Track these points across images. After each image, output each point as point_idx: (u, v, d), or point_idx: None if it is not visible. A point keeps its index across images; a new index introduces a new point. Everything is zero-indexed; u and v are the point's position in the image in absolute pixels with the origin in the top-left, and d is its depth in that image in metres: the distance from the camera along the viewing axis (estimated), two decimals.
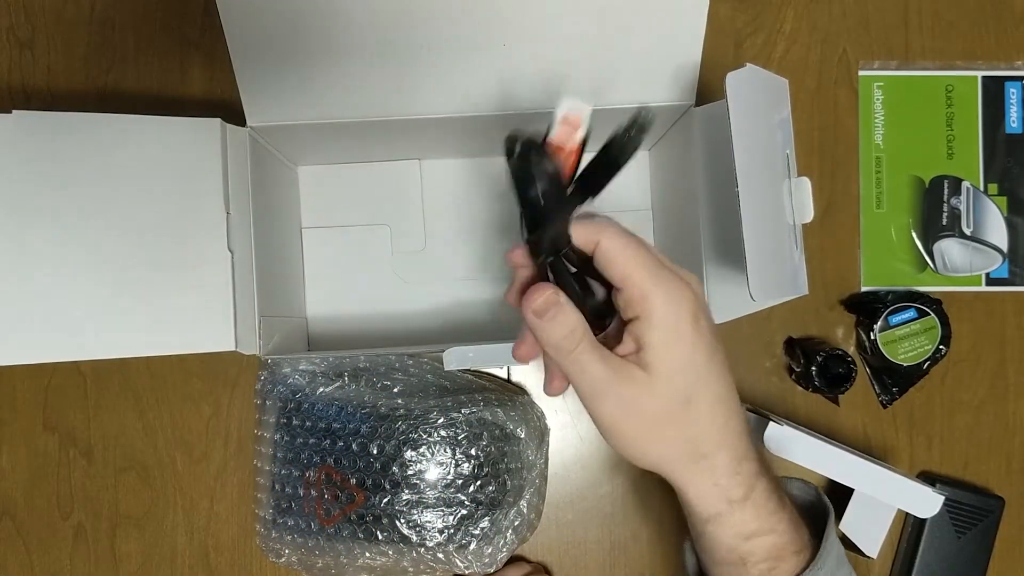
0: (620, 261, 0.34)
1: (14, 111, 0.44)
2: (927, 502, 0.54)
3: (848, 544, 0.57)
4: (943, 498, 0.54)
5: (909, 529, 0.61)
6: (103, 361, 0.60)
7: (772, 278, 0.43)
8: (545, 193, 0.31)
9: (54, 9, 0.62)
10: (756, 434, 0.56)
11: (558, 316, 0.34)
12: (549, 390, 0.38)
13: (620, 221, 0.61)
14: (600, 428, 0.35)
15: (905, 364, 0.60)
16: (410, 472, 0.51)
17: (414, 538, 0.53)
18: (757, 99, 0.44)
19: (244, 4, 0.45)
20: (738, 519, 0.35)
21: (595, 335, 0.34)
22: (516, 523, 0.55)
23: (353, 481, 0.52)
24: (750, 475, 0.35)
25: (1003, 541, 0.61)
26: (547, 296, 0.34)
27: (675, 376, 0.33)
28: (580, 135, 0.31)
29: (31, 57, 0.62)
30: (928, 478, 0.62)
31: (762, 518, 0.36)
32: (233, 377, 0.61)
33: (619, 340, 0.35)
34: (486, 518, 0.55)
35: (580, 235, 0.34)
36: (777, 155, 0.46)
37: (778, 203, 0.45)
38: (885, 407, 0.63)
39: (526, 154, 0.30)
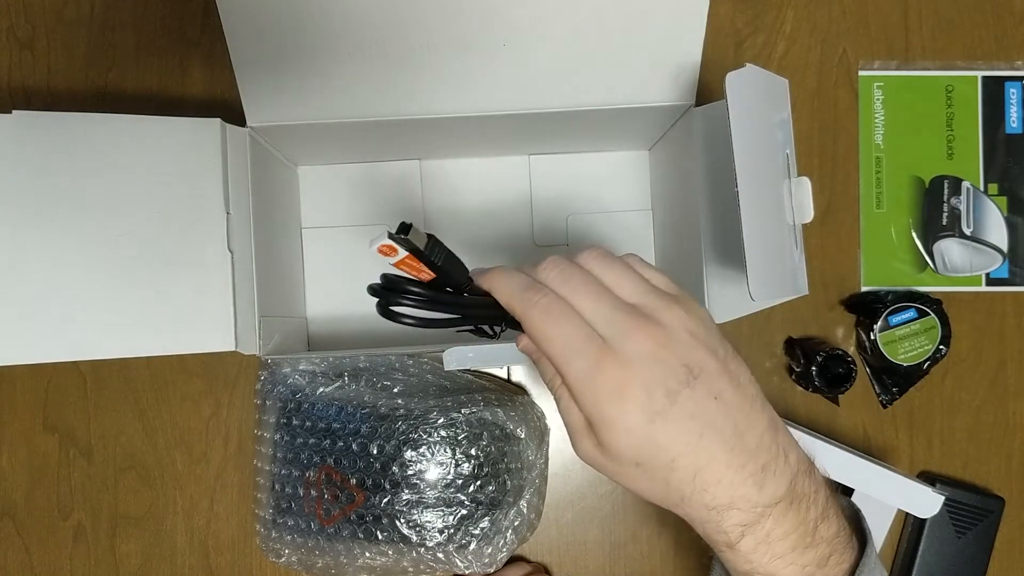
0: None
1: (14, 111, 0.44)
2: (927, 502, 0.54)
3: None
4: (943, 498, 0.54)
5: (909, 529, 0.61)
6: (103, 361, 0.60)
7: (772, 278, 0.43)
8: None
9: (54, 9, 0.62)
10: None
11: (540, 360, 0.35)
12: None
13: (621, 221, 0.62)
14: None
15: (905, 364, 0.60)
16: (410, 472, 0.51)
17: (414, 538, 0.53)
18: (757, 99, 0.44)
19: (244, 4, 0.45)
20: (731, 557, 0.35)
21: None
22: (516, 523, 0.55)
23: (353, 481, 0.52)
24: (735, 525, 0.34)
25: (1003, 541, 0.61)
26: (524, 343, 0.36)
27: (614, 444, 0.33)
28: (402, 252, 0.34)
29: (31, 57, 0.62)
30: (928, 478, 0.62)
31: (754, 561, 0.34)
32: (233, 377, 0.61)
33: None
34: (486, 518, 0.55)
35: (510, 307, 0.36)
36: (777, 155, 0.45)
37: (778, 203, 0.45)
38: (885, 407, 0.63)
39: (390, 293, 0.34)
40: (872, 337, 0.60)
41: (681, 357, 0.33)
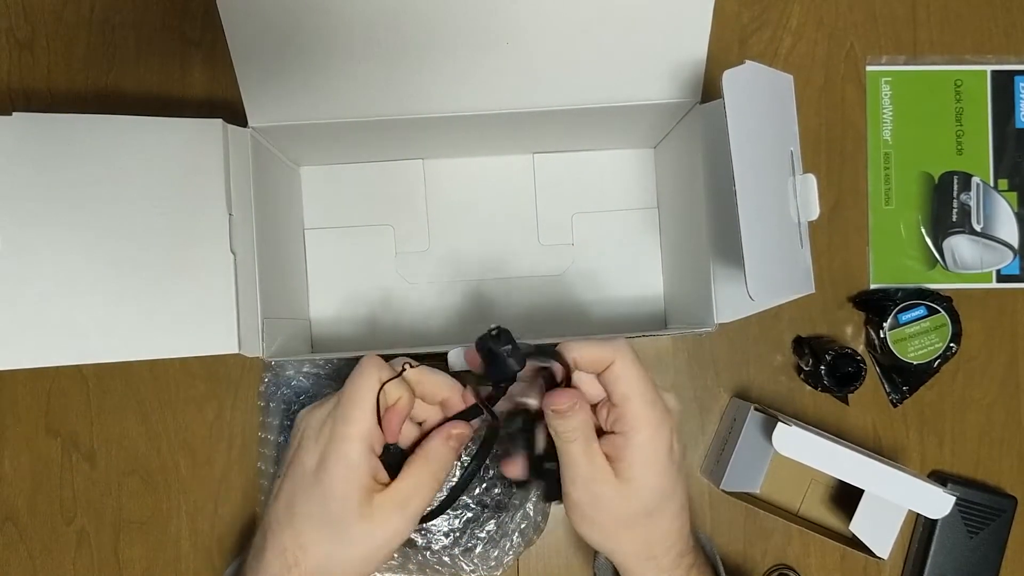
0: (625, 383, 0.39)
1: (15, 113, 0.44)
2: (938, 502, 0.53)
3: (859, 545, 0.56)
4: (954, 499, 0.53)
5: (920, 530, 0.61)
6: (105, 365, 0.59)
7: (773, 277, 0.42)
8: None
9: (53, 10, 0.61)
10: (765, 435, 0.55)
11: (573, 414, 0.39)
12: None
13: (626, 220, 0.61)
14: (566, 506, 0.41)
15: (915, 362, 0.59)
16: None
17: (419, 541, 0.53)
18: (758, 96, 0.43)
19: (245, 4, 0.45)
20: None
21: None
22: (522, 526, 0.55)
23: None
24: (687, 567, 0.42)
25: (1016, 541, 0.61)
26: (571, 402, 0.39)
27: (644, 492, 0.39)
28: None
29: (31, 58, 0.61)
30: (939, 478, 0.62)
31: None
32: (236, 380, 0.61)
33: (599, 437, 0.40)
34: (492, 521, 0.54)
35: (599, 354, 0.39)
36: (780, 152, 0.45)
37: (782, 201, 0.44)
38: (895, 406, 0.62)
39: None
40: (881, 335, 0.59)
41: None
